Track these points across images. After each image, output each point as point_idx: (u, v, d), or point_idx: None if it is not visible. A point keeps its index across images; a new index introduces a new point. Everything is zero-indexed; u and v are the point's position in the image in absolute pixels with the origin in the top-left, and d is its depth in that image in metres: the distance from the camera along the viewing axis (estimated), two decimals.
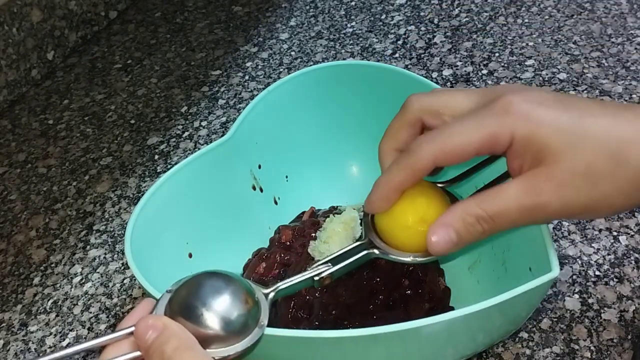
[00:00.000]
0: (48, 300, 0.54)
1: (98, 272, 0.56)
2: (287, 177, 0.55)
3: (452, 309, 0.46)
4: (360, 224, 0.48)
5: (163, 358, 0.29)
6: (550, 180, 0.31)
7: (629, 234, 0.50)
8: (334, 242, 0.46)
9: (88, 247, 0.58)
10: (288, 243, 0.49)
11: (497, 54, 0.72)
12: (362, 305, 0.44)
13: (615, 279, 0.47)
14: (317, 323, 0.43)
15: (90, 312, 0.53)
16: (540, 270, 0.34)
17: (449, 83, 0.69)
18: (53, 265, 0.57)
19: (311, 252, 0.47)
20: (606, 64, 0.67)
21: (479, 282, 0.47)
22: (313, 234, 0.49)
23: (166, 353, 0.29)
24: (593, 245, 0.50)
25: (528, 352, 0.44)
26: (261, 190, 0.52)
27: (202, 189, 0.47)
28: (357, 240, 0.39)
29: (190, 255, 0.47)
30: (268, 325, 0.33)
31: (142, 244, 0.41)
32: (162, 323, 0.30)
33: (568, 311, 0.46)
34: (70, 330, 0.51)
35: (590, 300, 0.46)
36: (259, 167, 0.52)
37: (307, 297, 0.44)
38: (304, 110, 0.53)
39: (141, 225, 0.42)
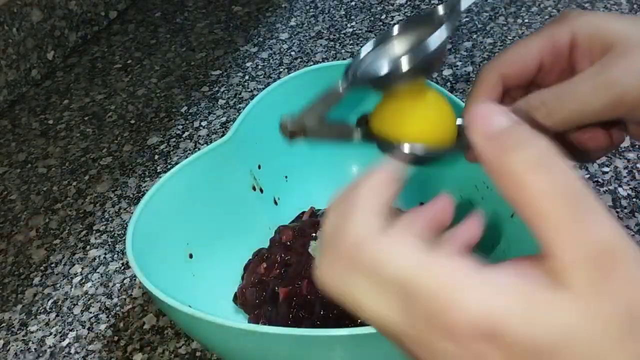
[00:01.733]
0: (48, 300, 0.54)
1: (98, 272, 0.56)
2: (286, 177, 0.55)
3: None
4: None
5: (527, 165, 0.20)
6: (621, 57, 0.29)
7: (629, 234, 0.50)
8: None
9: (88, 247, 0.58)
10: (288, 243, 0.49)
11: (497, 54, 0.72)
12: None
13: None
14: (318, 322, 0.43)
15: (90, 312, 0.53)
16: None
17: (448, 83, 0.69)
18: (53, 265, 0.57)
19: (312, 252, 0.47)
20: None
21: None
22: (313, 234, 0.49)
23: (530, 159, 0.20)
24: None
25: None
26: (261, 190, 0.52)
27: (202, 190, 0.47)
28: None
29: (190, 256, 0.47)
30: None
31: (143, 245, 0.41)
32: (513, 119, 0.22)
33: None
34: (70, 330, 0.51)
35: None
36: (259, 167, 0.52)
37: (308, 297, 0.44)
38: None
39: (142, 226, 0.42)
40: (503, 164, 0.21)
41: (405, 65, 0.29)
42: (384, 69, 0.29)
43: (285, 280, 0.46)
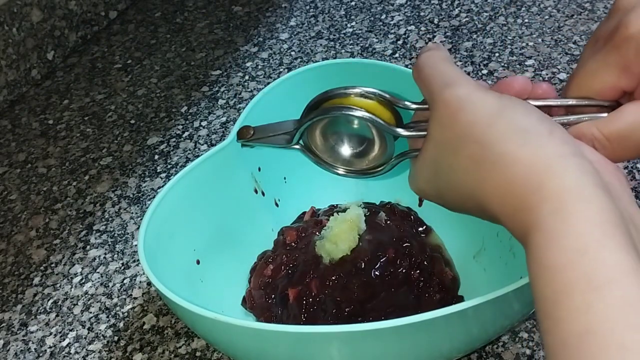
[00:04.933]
0: (48, 300, 0.54)
1: (98, 272, 0.56)
2: (285, 178, 0.55)
3: (462, 298, 0.46)
4: (366, 221, 0.48)
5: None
6: None
7: None
8: (342, 240, 0.46)
9: (88, 247, 0.58)
10: (293, 244, 0.49)
11: (497, 54, 0.72)
12: (374, 301, 0.44)
13: None
14: (330, 320, 0.43)
15: (90, 312, 0.53)
16: None
17: None
18: (53, 265, 0.57)
19: (318, 252, 0.47)
20: None
21: (485, 270, 0.47)
22: (317, 233, 0.49)
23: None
24: None
25: (528, 352, 0.44)
26: (263, 193, 0.52)
27: (206, 196, 0.47)
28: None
29: (198, 262, 0.47)
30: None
31: (153, 255, 0.40)
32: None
33: None
34: (70, 330, 0.51)
35: None
36: (259, 169, 0.52)
37: (320, 296, 0.44)
38: (302, 109, 0.53)
39: (150, 236, 0.41)
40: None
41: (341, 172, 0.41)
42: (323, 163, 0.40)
43: (294, 281, 0.46)
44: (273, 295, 0.46)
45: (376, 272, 0.45)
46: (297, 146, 0.39)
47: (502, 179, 0.27)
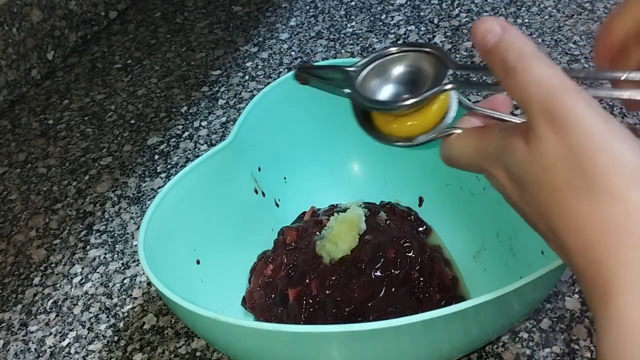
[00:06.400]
0: (48, 300, 0.54)
1: (98, 272, 0.56)
2: (285, 178, 0.55)
3: (462, 298, 0.46)
4: (366, 221, 0.48)
5: (506, 67, 0.27)
6: None
7: None
8: (342, 240, 0.46)
9: (88, 247, 0.58)
10: (293, 244, 0.49)
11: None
12: (374, 301, 0.44)
13: None
14: (330, 320, 0.43)
15: (90, 312, 0.53)
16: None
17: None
18: (53, 265, 0.57)
19: (318, 252, 0.47)
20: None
21: (485, 270, 0.47)
22: (317, 233, 0.49)
23: (509, 62, 0.26)
24: None
25: (528, 352, 0.44)
26: (263, 194, 0.52)
27: (206, 195, 0.47)
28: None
29: (198, 262, 0.47)
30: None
31: (153, 254, 0.40)
32: (500, 26, 0.27)
33: (568, 311, 0.46)
34: (70, 330, 0.51)
35: None
36: (259, 169, 0.52)
37: (320, 296, 0.44)
38: (302, 109, 0.53)
39: (151, 234, 0.41)
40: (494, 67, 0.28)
41: (403, 105, 0.33)
42: (382, 97, 0.35)
43: (294, 281, 0.46)
44: (273, 295, 0.46)
45: (376, 272, 0.45)
46: (348, 91, 0.35)
47: (593, 212, 0.23)
